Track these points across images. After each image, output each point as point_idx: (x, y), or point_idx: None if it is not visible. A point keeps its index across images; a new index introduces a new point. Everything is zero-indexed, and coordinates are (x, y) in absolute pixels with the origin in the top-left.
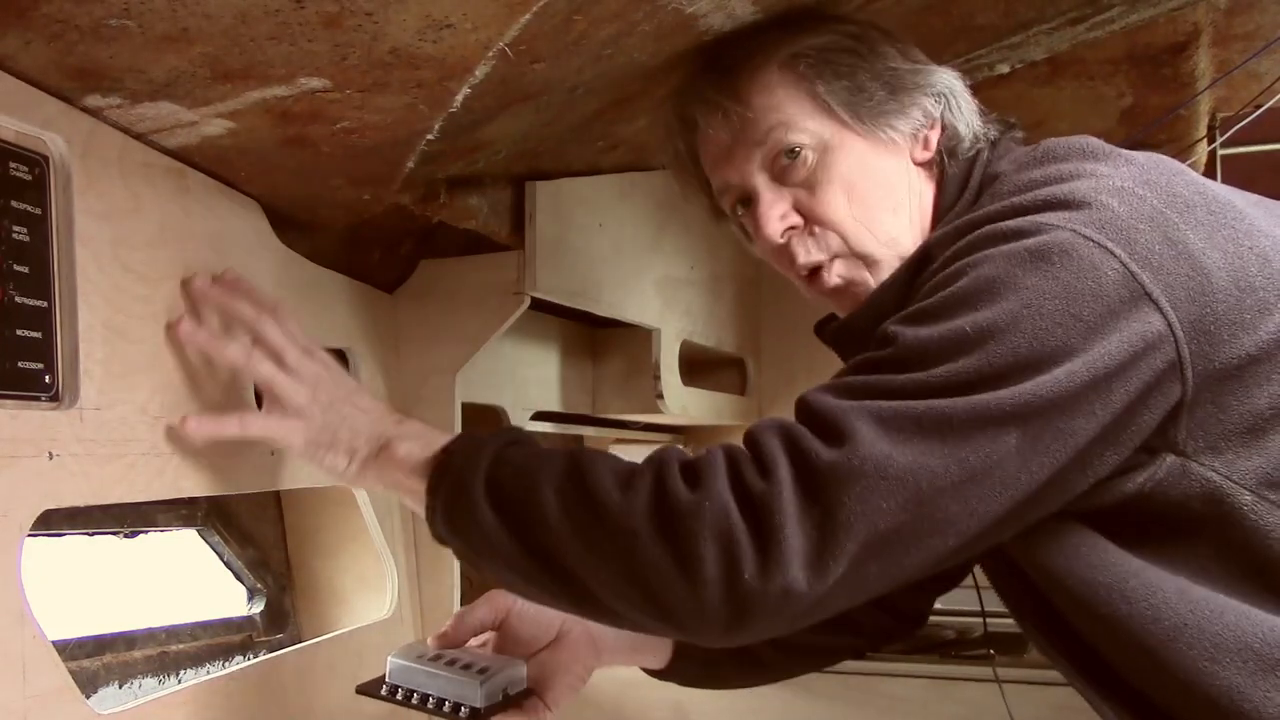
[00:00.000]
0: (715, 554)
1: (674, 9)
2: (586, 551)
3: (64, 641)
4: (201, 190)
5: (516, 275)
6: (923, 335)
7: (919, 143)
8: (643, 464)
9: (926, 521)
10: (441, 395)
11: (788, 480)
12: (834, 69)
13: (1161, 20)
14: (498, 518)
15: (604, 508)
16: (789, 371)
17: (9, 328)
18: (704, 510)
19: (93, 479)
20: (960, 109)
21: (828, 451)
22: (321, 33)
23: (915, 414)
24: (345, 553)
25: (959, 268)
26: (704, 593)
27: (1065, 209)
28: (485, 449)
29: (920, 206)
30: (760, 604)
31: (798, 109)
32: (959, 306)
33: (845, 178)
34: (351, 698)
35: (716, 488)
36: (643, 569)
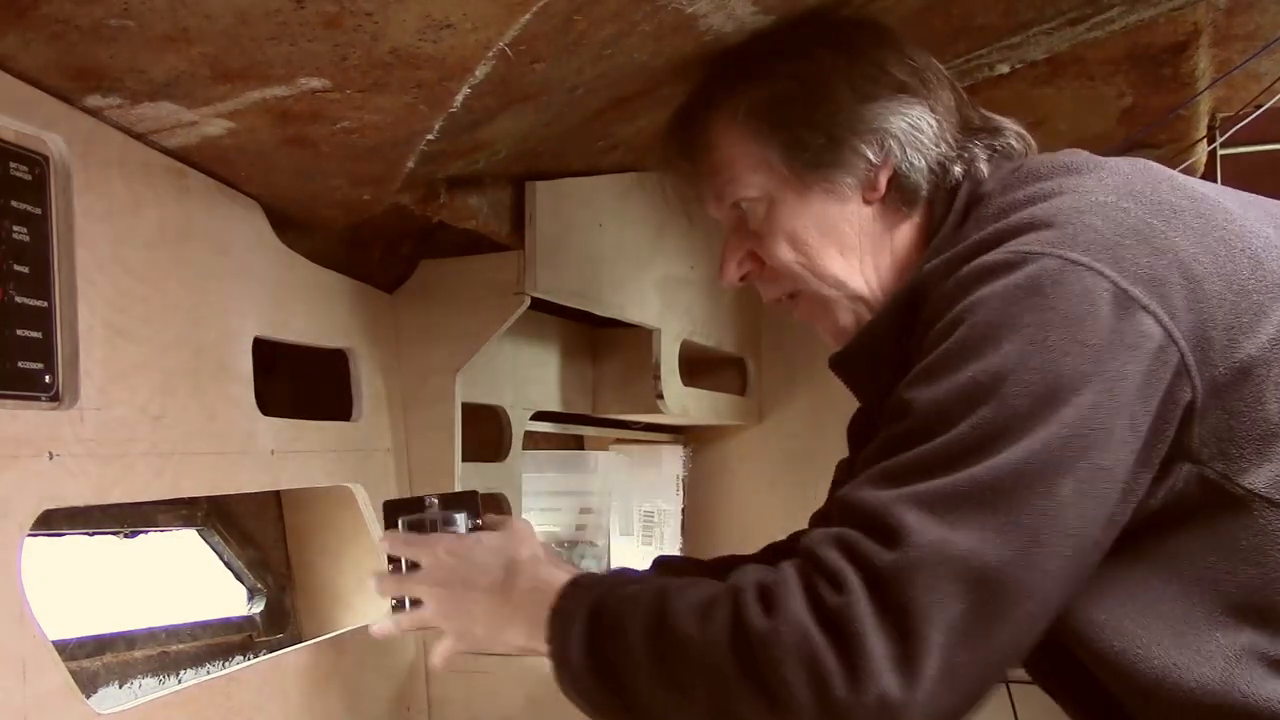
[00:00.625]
0: (802, 678)
1: (674, 9)
2: (674, 693)
3: (64, 641)
4: (201, 190)
5: (516, 275)
6: (937, 395)
7: (866, 186)
8: (721, 592)
9: (1001, 596)
10: (441, 395)
11: (859, 589)
12: (771, 122)
13: (1161, 20)
14: (592, 668)
15: (685, 646)
16: (789, 371)
17: (9, 328)
18: (782, 636)
19: (93, 479)
20: (918, 144)
21: (887, 554)
22: (321, 33)
23: (960, 490)
24: (345, 553)
25: (956, 315)
26: (796, 717)
27: (1046, 229)
28: (586, 599)
29: (875, 245)
30: (858, 712)
31: (743, 165)
32: (964, 357)
33: (787, 229)
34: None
35: (793, 609)
36: (731, 706)
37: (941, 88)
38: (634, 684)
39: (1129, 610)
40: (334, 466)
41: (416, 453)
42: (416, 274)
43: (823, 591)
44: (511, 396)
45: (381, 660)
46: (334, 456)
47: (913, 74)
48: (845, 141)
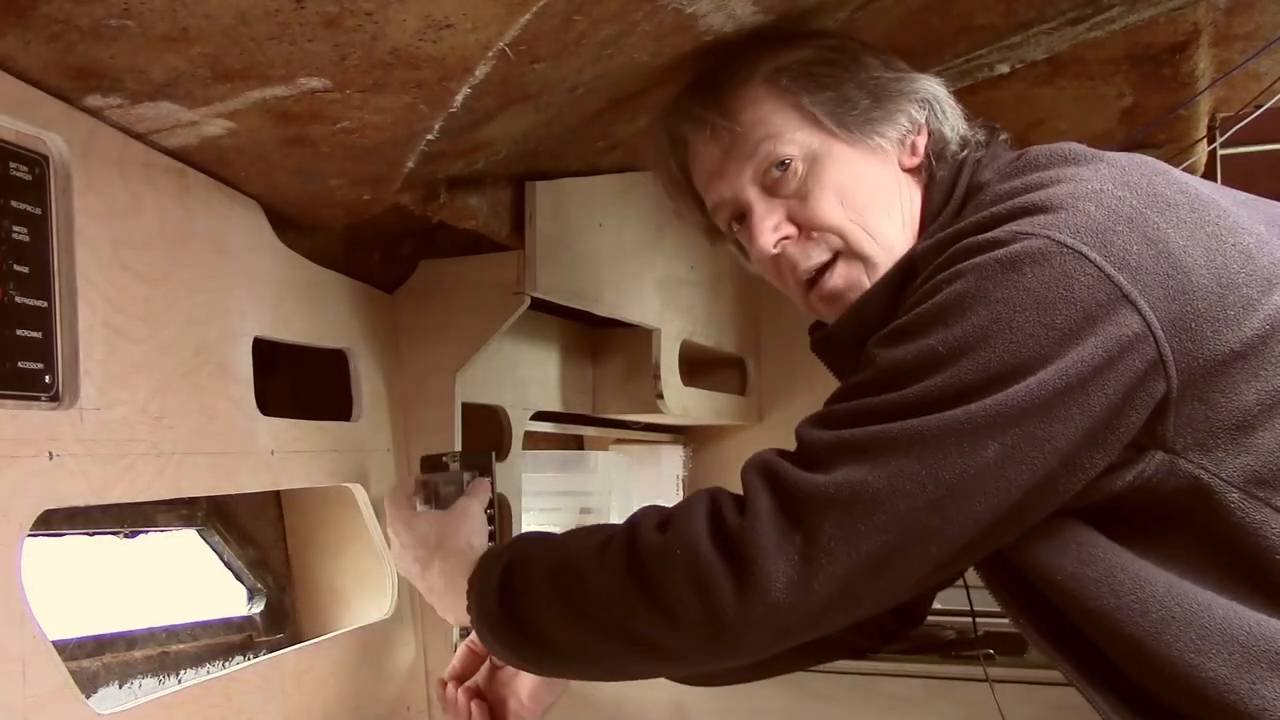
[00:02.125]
0: (691, 595)
1: (674, 9)
2: (580, 622)
3: (64, 641)
4: (201, 190)
5: (516, 275)
6: (898, 355)
7: (906, 149)
8: (621, 525)
9: (908, 538)
10: (441, 395)
11: (766, 511)
12: (817, 81)
13: (1161, 20)
14: (501, 610)
15: (586, 577)
16: (789, 371)
17: (9, 328)
18: (673, 552)
19: (93, 479)
20: (945, 114)
21: (807, 479)
22: (321, 33)
23: (890, 436)
24: (345, 553)
25: (935, 284)
26: (694, 630)
27: (1040, 213)
28: (500, 559)
29: (910, 212)
30: (747, 628)
31: (784, 121)
32: (932, 324)
33: (836, 184)
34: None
35: (688, 531)
36: (632, 624)
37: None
38: (541, 617)
39: (1121, 573)
40: (334, 466)
41: (416, 453)
42: (416, 274)
43: (725, 511)
44: (511, 396)
45: (381, 660)
46: (334, 456)
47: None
48: (891, 101)
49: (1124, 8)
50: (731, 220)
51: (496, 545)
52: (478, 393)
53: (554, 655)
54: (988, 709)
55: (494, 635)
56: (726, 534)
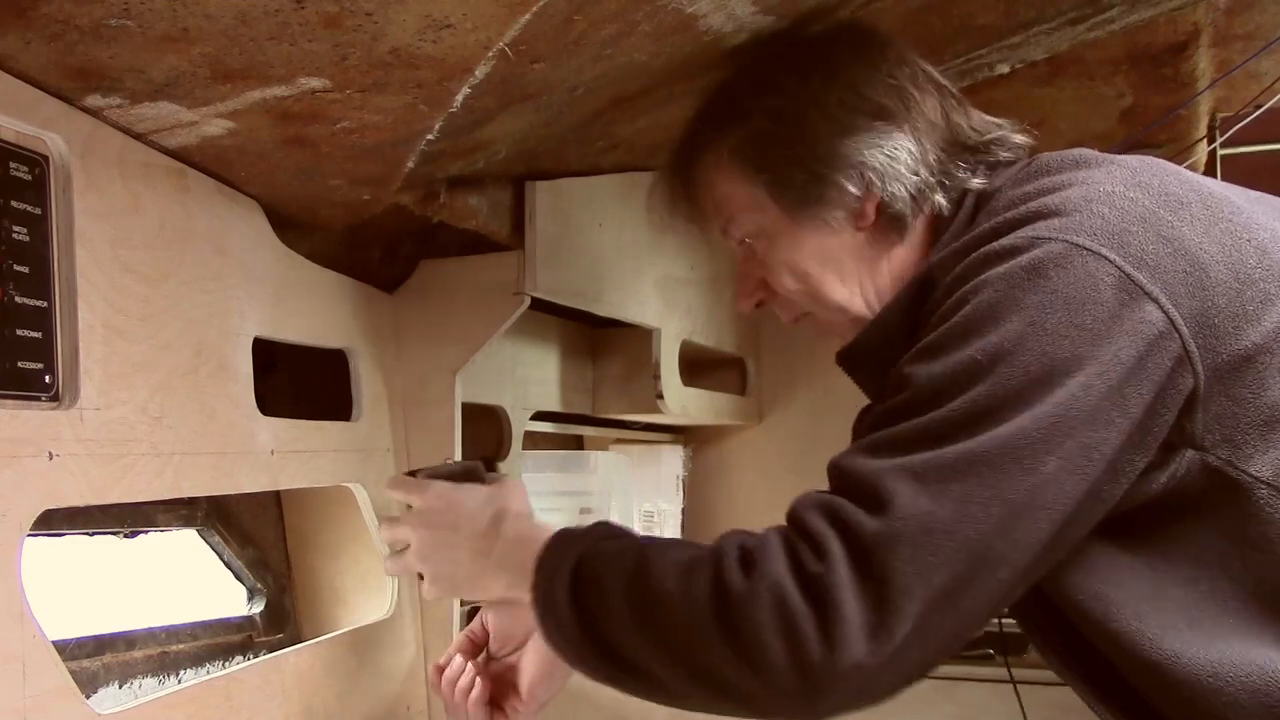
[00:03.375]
0: (778, 641)
1: (674, 9)
2: (656, 650)
3: (64, 641)
4: (201, 190)
5: (516, 275)
6: (935, 371)
7: (855, 216)
8: (704, 553)
9: (980, 565)
10: (441, 395)
11: (840, 556)
12: (756, 162)
13: (1161, 20)
14: (578, 624)
15: (667, 603)
16: (789, 371)
17: (9, 328)
18: (760, 598)
19: (93, 479)
20: (898, 175)
21: (871, 521)
22: (321, 33)
23: (947, 462)
24: (345, 553)
25: (960, 296)
26: (775, 680)
27: (1055, 217)
28: (574, 548)
29: (875, 268)
30: (832, 682)
31: (737, 204)
32: (965, 336)
33: (787, 261)
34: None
35: (772, 572)
36: (711, 663)
37: (926, 99)
38: (616, 635)
39: (1143, 593)
40: (334, 466)
41: (416, 453)
42: (416, 274)
43: (804, 557)
44: (511, 396)
45: (381, 660)
46: (334, 456)
47: (891, 93)
48: (826, 178)
49: (1124, 8)
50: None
51: (567, 528)
52: (478, 393)
53: (613, 663)
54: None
55: (558, 629)
56: (808, 580)
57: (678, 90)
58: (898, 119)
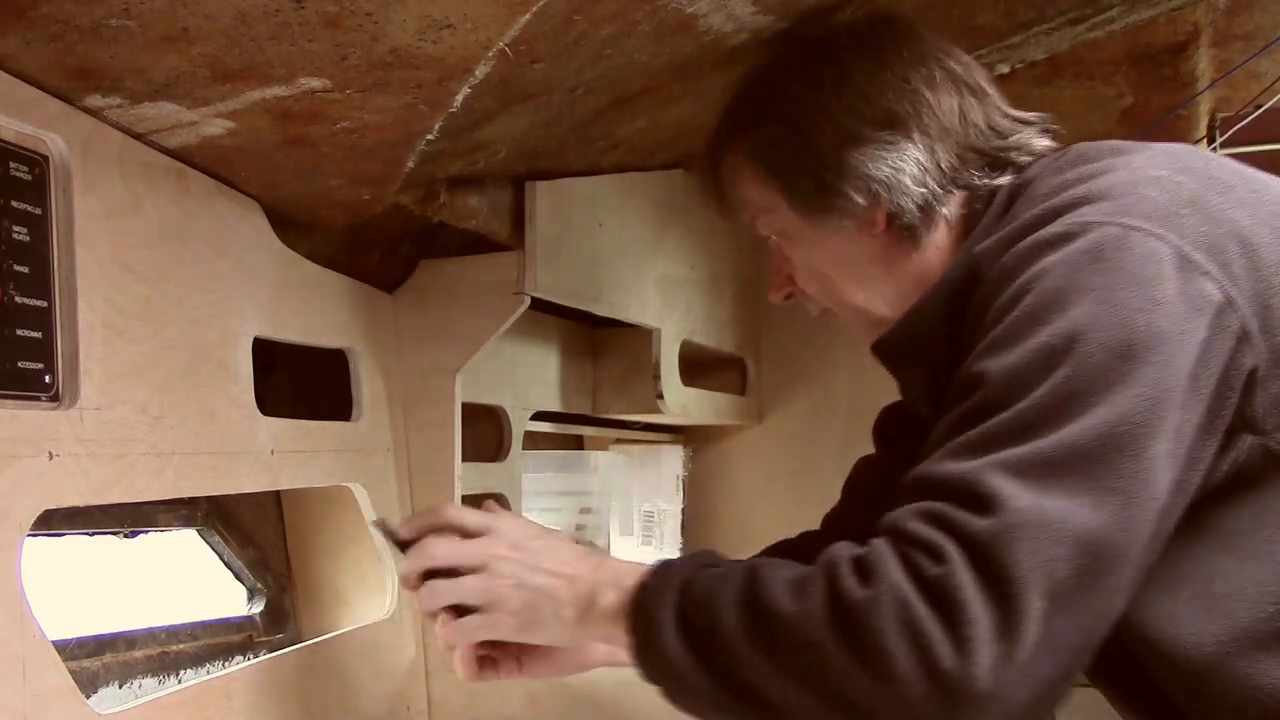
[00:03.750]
0: (905, 648)
1: (674, 9)
2: (775, 673)
3: (64, 641)
4: (201, 190)
5: (516, 275)
6: (1010, 363)
7: (865, 224)
8: (814, 568)
9: (1099, 561)
10: (441, 395)
11: (958, 558)
12: (768, 169)
13: (1161, 20)
14: (687, 651)
15: (782, 623)
16: (789, 371)
17: (9, 328)
18: (882, 605)
19: (93, 479)
20: (903, 188)
21: (981, 521)
22: (321, 33)
23: (1047, 455)
24: (345, 553)
25: (1020, 287)
26: (904, 691)
27: (1103, 201)
28: (673, 582)
29: (894, 270)
30: (965, 691)
31: (758, 204)
32: (1034, 323)
33: (806, 264)
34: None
35: (891, 578)
36: (835, 680)
37: (943, 101)
38: (730, 664)
39: (1183, 593)
40: (334, 466)
41: (416, 453)
42: (416, 274)
43: (921, 562)
44: (511, 396)
45: (382, 660)
46: (334, 456)
47: (903, 98)
48: (833, 188)
49: (1124, 8)
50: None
51: (651, 566)
52: (478, 393)
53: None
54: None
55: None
56: (929, 583)
57: (678, 90)
58: (907, 127)
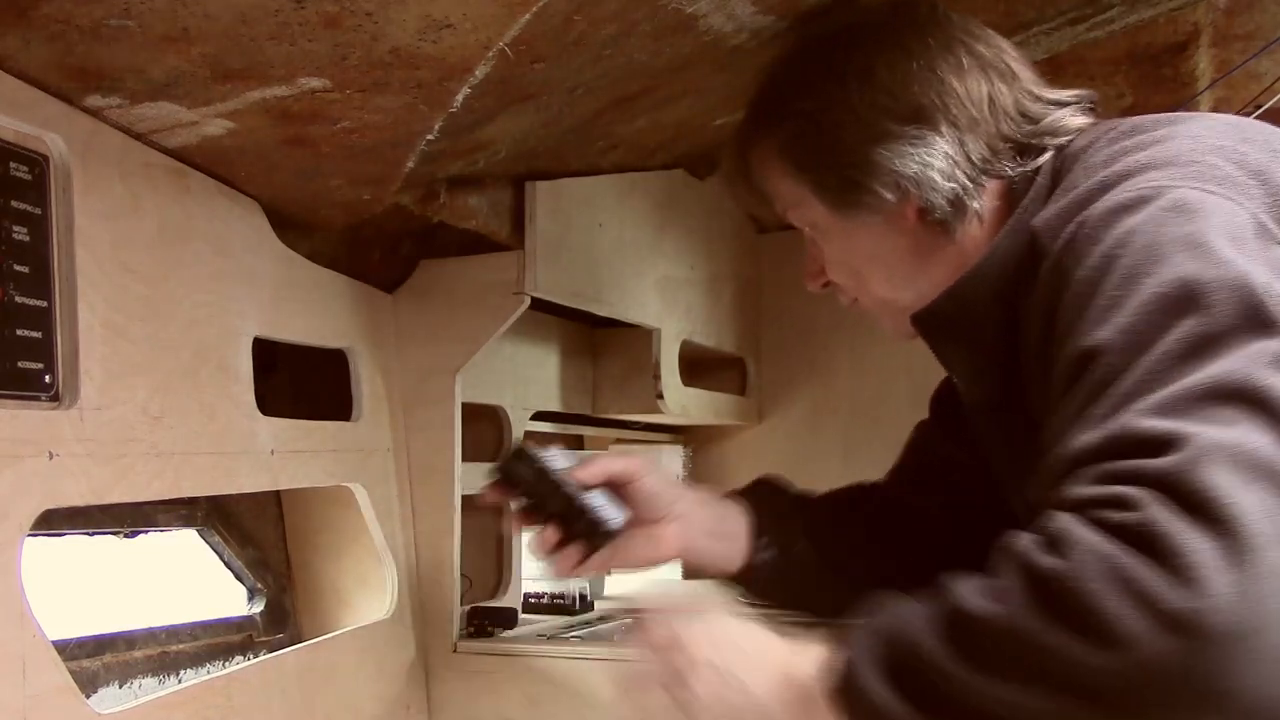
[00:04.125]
0: (1125, 603)
1: (674, 9)
2: (1001, 685)
3: (64, 641)
4: (201, 190)
5: (516, 275)
6: (1125, 323)
7: (895, 218)
8: (996, 563)
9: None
10: (441, 395)
11: (1149, 499)
12: (796, 163)
13: (1161, 20)
14: (900, 698)
15: (986, 627)
16: (789, 371)
17: (9, 328)
18: (1087, 565)
19: (93, 479)
20: (932, 183)
21: (1159, 459)
22: (321, 33)
23: (1200, 389)
24: (345, 553)
25: (1107, 253)
26: (1142, 652)
27: (1172, 167)
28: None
29: (928, 260)
30: (1208, 626)
31: (790, 198)
32: (1136, 281)
33: (837, 257)
34: (352, 697)
35: (1086, 539)
36: (1063, 666)
37: (972, 90)
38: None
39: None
40: (334, 466)
41: (416, 453)
42: (416, 274)
43: (1111, 515)
44: (511, 396)
45: (381, 660)
46: (334, 456)
47: (929, 89)
48: (861, 185)
49: (1124, 8)
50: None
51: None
52: (478, 393)
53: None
54: None
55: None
56: (1125, 531)
57: (678, 90)
58: (934, 120)
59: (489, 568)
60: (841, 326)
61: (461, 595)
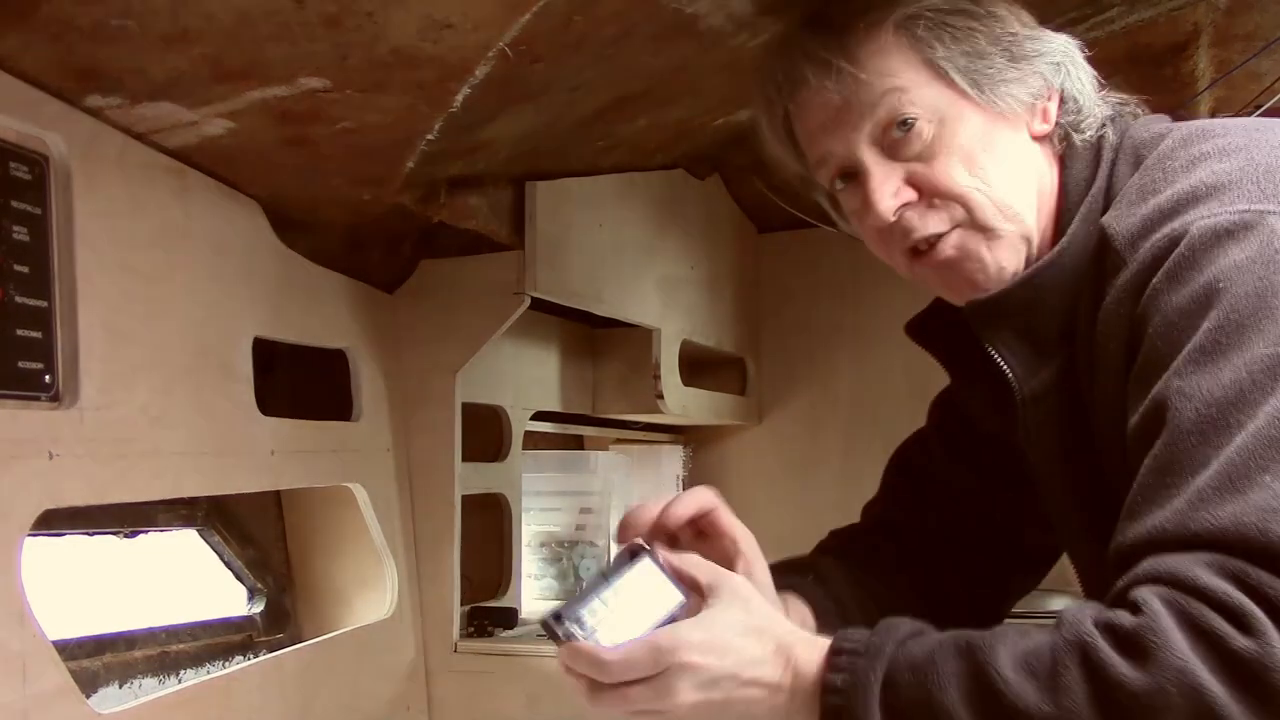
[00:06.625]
0: None
1: (674, 9)
2: None
3: (64, 641)
4: (201, 190)
5: (516, 275)
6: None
7: (1037, 114)
8: (1059, 643)
9: None
10: (441, 395)
11: (1274, 631)
12: (952, 33)
13: (1161, 20)
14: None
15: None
16: (789, 371)
17: (9, 328)
18: (1167, 696)
19: (93, 479)
20: (1079, 79)
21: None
22: (321, 33)
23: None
24: (345, 553)
25: (1206, 286)
26: None
27: (1266, 183)
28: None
29: (1041, 185)
30: None
31: (914, 76)
32: (1241, 334)
33: (965, 149)
34: (352, 697)
35: (1178, 658)
36: None
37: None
38: None
39: None
40: (334, 466)
41: (416, 453)
42: (416, 274)
43: (1220, 630)
44: (511, 396)
45: (381, 660)
46: (334, 456)
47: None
48: (1026, 60)
49: (1124, 8)
50: (836, 178)
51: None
52: (478, 393)
53: None
54: None
55: None
56: (1236, 662)
57: (677, 90)
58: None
59: (489, 568)
60: (842, 327)
61: (461, 595)
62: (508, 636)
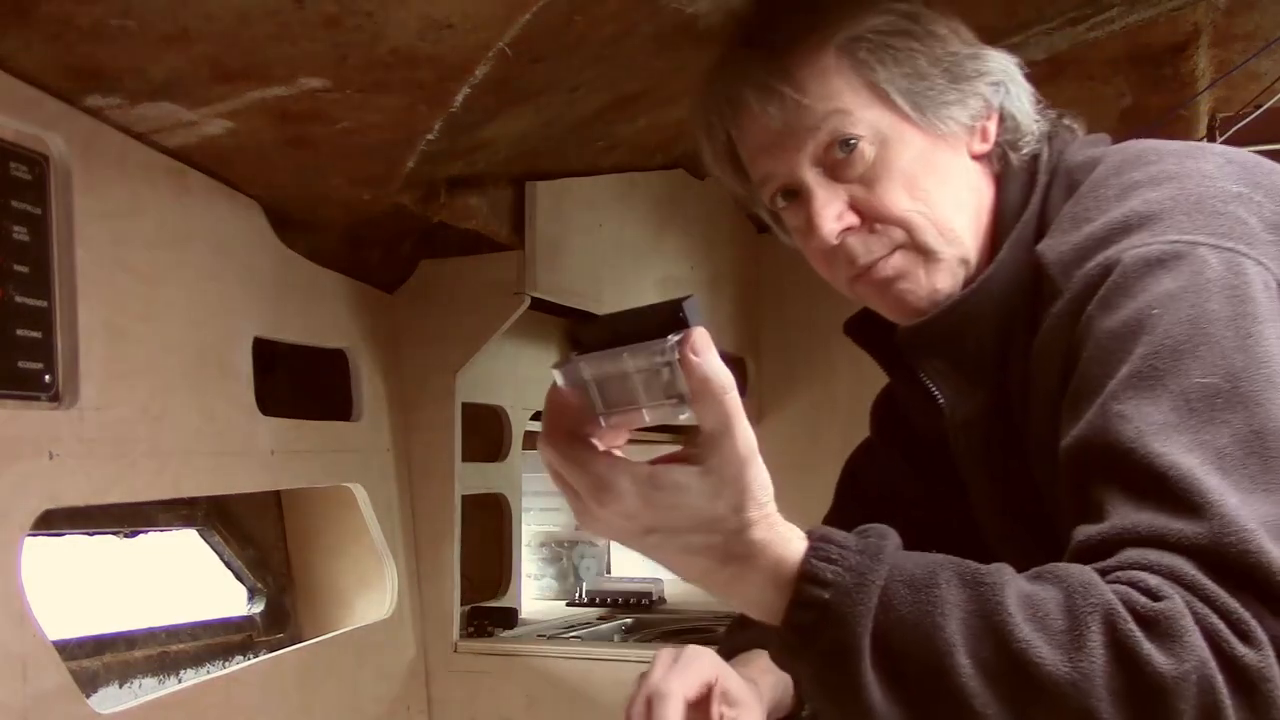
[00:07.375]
0: None
1: (674, 9)
2: None
3: (64, 641)
4: (201, 190)
5: (516, 275)
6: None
7: (976, 134)
8: (1079, 603)
9: None
10: (441, 395)
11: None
12: (893, 55)
13: (1161, 20)
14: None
15: (1046, 682)
16: (789, 371)
17: (9, 328)
18: (1187, 691)
19: (93, 479)
20: (1019, 97)
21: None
22: (321, 33)
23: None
24: (345, 553)
25: (1138, 313)
26: None
27: (1198, 216)
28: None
29: (979, 205)
30: None
31: (855, 98)
32: (1177, 362)
33: (906, 172)
34: (352, 697)
35: (1199, 654)
36: None
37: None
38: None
39: None
40: (334, 466)
41: (416, 453)
42: (416, 274)
43: (1229, 638)
44: (511, 396)
45: (381, 660)
46: (334, 456)
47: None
48: (966, 81)
49: (1124, 8)
50: (776, 195)
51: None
52: (478, 393)
53: None
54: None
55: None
56: (1239, 668)
57: (678, 90)
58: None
59: (489, 568)
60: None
61: (461, 595)
62: (507, 636)
